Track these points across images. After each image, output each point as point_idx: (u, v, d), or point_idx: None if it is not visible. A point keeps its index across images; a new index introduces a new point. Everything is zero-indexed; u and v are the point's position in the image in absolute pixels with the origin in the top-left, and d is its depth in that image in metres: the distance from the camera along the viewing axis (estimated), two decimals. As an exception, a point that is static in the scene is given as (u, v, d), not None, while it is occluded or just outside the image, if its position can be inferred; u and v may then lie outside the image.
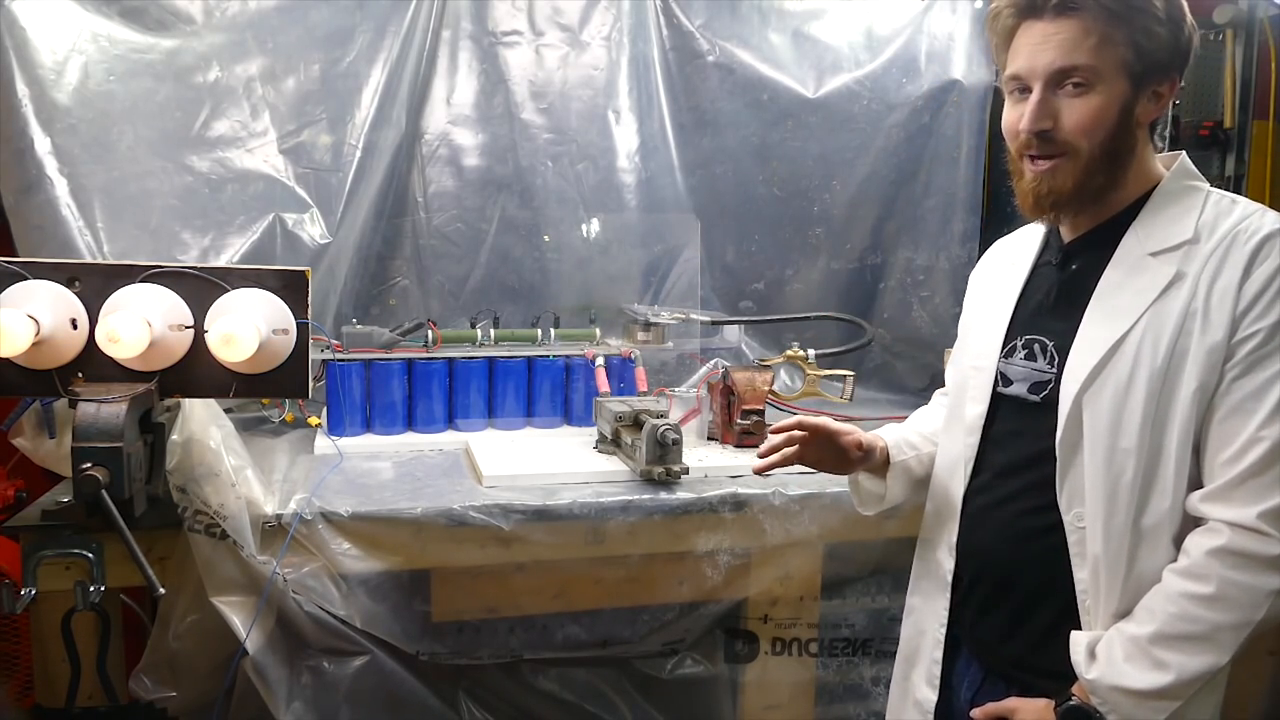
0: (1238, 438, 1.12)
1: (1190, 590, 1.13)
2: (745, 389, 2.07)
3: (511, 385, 2.24)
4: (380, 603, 1.69)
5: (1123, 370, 1.19)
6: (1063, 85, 1.19)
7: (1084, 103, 1.18)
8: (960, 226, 2.76)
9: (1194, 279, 1.17)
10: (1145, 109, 1.22)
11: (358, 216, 2.34)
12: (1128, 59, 1.18)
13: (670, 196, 2.60)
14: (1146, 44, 1.18)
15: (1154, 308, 1.18)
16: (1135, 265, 1.22)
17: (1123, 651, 1.16)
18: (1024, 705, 1.25)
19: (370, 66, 2.33)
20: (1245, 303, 1.13)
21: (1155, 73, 1.20)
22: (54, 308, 1.53)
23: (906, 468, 1.53)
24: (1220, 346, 1.14)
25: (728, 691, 1.97)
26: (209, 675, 1.67)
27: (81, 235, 2.09)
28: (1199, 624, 1.12)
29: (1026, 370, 1.30)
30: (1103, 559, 1.19)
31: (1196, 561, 1.13)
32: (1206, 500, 1.15)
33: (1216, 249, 1.16)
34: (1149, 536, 1.18)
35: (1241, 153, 2.76)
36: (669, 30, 2.59)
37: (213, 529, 1.59)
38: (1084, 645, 1.20)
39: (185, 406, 1.68)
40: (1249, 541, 1.10)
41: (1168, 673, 1.12)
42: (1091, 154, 1.20)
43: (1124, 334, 1.19)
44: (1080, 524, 1.21)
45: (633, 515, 1.77)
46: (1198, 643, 1.12)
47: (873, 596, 2.00)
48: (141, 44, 2.20)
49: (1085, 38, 1.17)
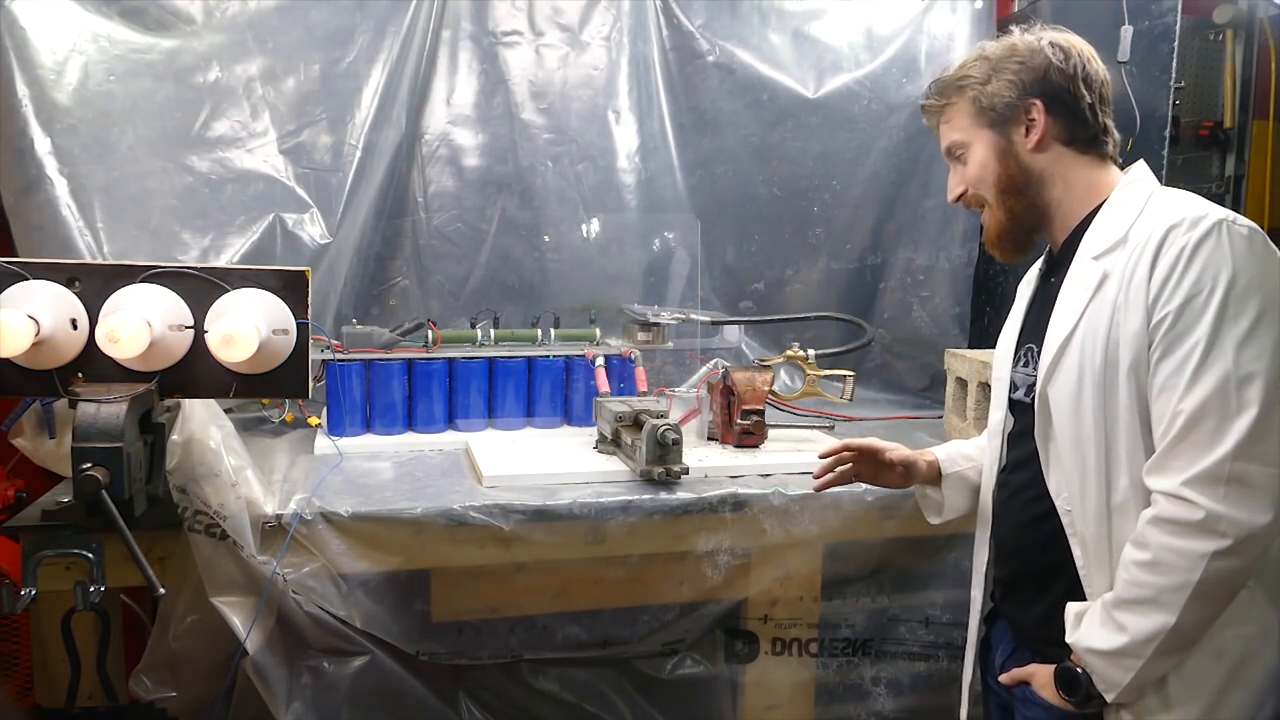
0: (1166, 413, 1.23)
1: (1136, 557, 1.24)
2: (745, 389, 2.07)
3: (511, 385, 2.24)
4: (380, 603, 1.69)
5: (1072, 364, 1.33)
6: (957, 158, 1.48)
7: (969, 164, 1.45)
8: (960, 226, 2.76)
9: (1119, 276, 1.29)
10: (1024, 139, 1.40)
11: (358, 216, 2.34)
12: (976, 119, 1.43)
13: (670, 196, 2.61)
14: (984, 100, 1.41)
15: (1090, 305, 1.32)
16: (1081, 269, 1.36)
17: (1097, 618, 1.28)
18: (1040, 670, 1.39)
19: (370, 66, 2.33)
20: (1154, 291, 1.24)
21: (1009, 111, 1.40)
22: (54, 308, 1.53)
23: (963, 478, 1.67)
24: (1140, 332, 1.25)
25: (728, 691, 1.97)
26: (209, 675, 1.67)
27: (81, 235, 2.09)
28: (1145, 588, 1.23)
29: (1024, 375, 1.47)
30: (1089, 536, 1.32)
31: (1140, 531, 1.25)
32: (1148, 473, 1.26)
33: (1137, 247, 1.28)
34: (1120, 512, 1.29)
35: (1241, 153, 2.76)
36: (669, 30, 2.59)
37: (213, 529, 1.59)
38: (1074, 614, 1.33)
39: (185, 406, 1.68)
40: (1177, 509, 1.20)
41: (1124, 634, 1.24)
42: (996, 196, 1.43)
43: (1069, 332, 1.33)
44: (1069, 507, 1.34)
45: (633, 515, 1.77)
46: (1146, 605, 1.23)
47: (873, 596, 2.00)
48: (141, 44, 2.20)
49: (945, 124, 1.48)
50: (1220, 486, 1.17)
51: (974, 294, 2.84)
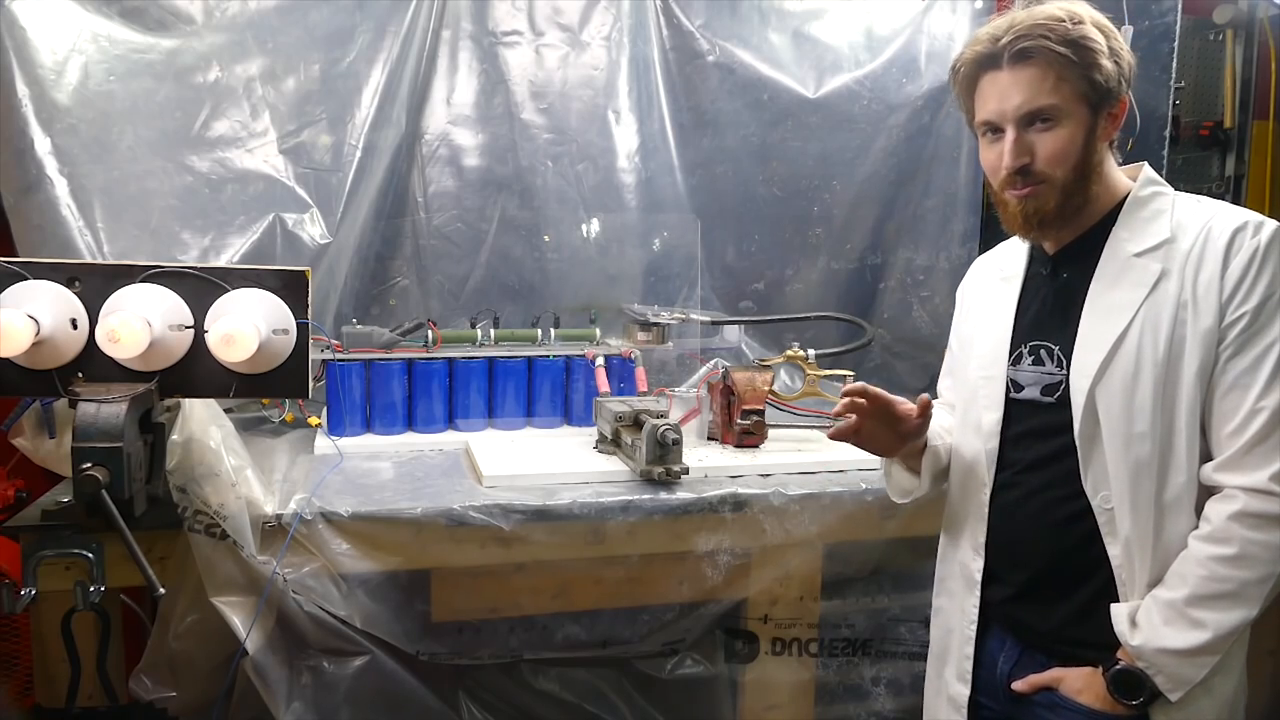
0: (1239, 410, 1.25)
1: (1216, 553, 1.24)
2: (745, 389, 2.07)
3: (511, 385, 2.24)
4: (380, 603, 1.69)
5: (1127, 361, 1.31)
6: (1032, 124, 1.33)
7: (1054, 136, 1.32)
8: (960, 226, 2.76)
9: (1179, 273, 1.30)
10: (1105, 130, 1.36)
11: (358, 216, 2.34)
12: (1084, 91, 1.32)
13: (670, 196, 2.61)
14: (1097, 76, 1.31)
15: (1148, 302, 1.31)
16: (1122, 267, 1.34)
17: (1161, 616, 1.27)
18: (1069, 674, 1.36)
19: (370, 66, 2.33)
20: (1228, 290, 1.26)
21: (1108, 98, 1.34)
22: (54, 308, 1.53)
23: (936, 454, 1.61)
24: (1212, 330, 1.27)
25: (728, 691, 1.97)
26: (209, 675, 1.67)
27: (81, 235, 2.09)
28: (1228, 583, 1.24)
29: (1036, 375, 1.42)
30: (1133, 534, 1.31)
31: (1218, 527, 1.25)
32: (1220, 470, 1.27)
33: (1194, 245, 1.30)
34: (1171, 509, 1.30)
35: (1241, 153, 2.76)
36: (669, 30, 2.59)
37: (213, 529, 1.59)
38: (1125, 615, 1.30)
39: (185, 406, 1.68)
40: (1263, 503, 1.23)
41: (1205, 630, 1.24)
42: (1066, 178, 1.34)
43: (1124, 329, 1.31)
44: (1108, 505, 1.32)
45: (633, 515, 1.77)
46: (1228, 600, 1.24)
47: (873, 596, 2.00)
48: (141, 44, 2.20)
49: (1044, 80, 1.30)
50: None
51: (974, 294, 2.84)
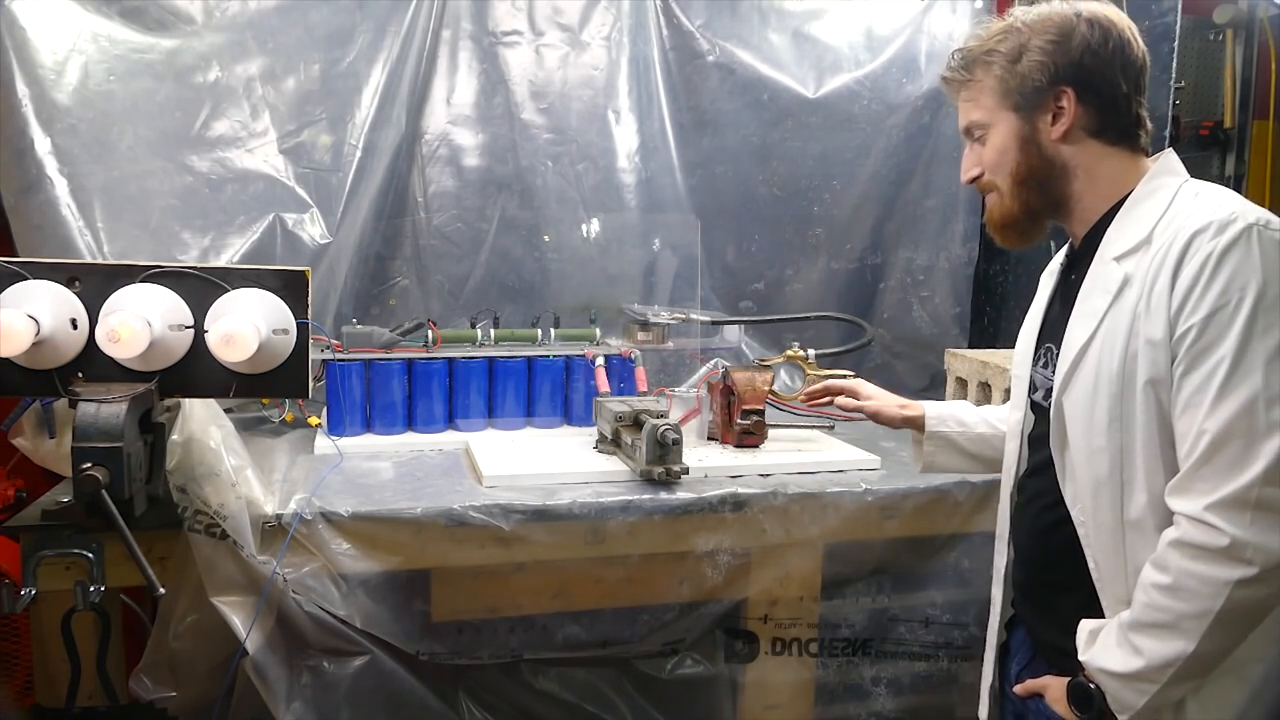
0: (1190, 433, 1.16)
1: (1156, 580, 1.18)
2: (745, 389, 2.07)
3: (511, 385, 2.24)
4: (380, 603, 1.69)
5: (1088, 372, 1.26)
6: (975, 138, 1.38)
7: (988, 147, 1.36)
8: (960, 226, 2.77)
9: (1141, 280, 1.22)
10: (1049, 128, 1.31)
11: (358, 216, 2.34)
12: (1000, 100, 1.33)
13: (670, 196, 2.61)
14: (1011, 81, 1.31)
15: (1111, 310, 1.25)
16: (1102, 270, 1.29)
17: (1114, 637, 1.23)
18: (1054, 683, 1.34)
19: (370, 66, 2.33)
20: (1178, 300, 1.17)
21: (1034, 96, 1.31)
22: (54, 308, 1.53)
23: (947, 439, 1.67)
24: (1162, 343, 1.18)
25: (728, 691, 1.97)
26: (209, 675, 1.67)
27: (81, 235, 2.09)
28: (1164, 612, 1.17)
29: (1043, 377, 1.41)
30: (1100, 552, 1.27)
31: (1160, 553, 1.19)
32: (1169, 493, 1.20)
33: (1160, 249, 1.21)
34: (1134, 529, 1.24)
35: (1241, 153, 2.76)
36: (669, 30, 2.59)
37: (213, 529, 1.59)
38: (1087, 631, 1.28)
39: (185, 406, 1.68)
40: (1199, 533, 1.14)
41: (1140, 657, 1.19)
42: (1009, 183, 1.35)
43: (1089, 338, 1.27)
44: (1083, 518, 1.29)
45: (633, 515, 1.77)
46: (1164, 630, 1.17)
47: (873, 596, 2.00)
48: (141, 44, 2.20)
49: (970, 98, 1.37)
50: (1247, 512, 1.11)
51: (974, 294, 2.84)
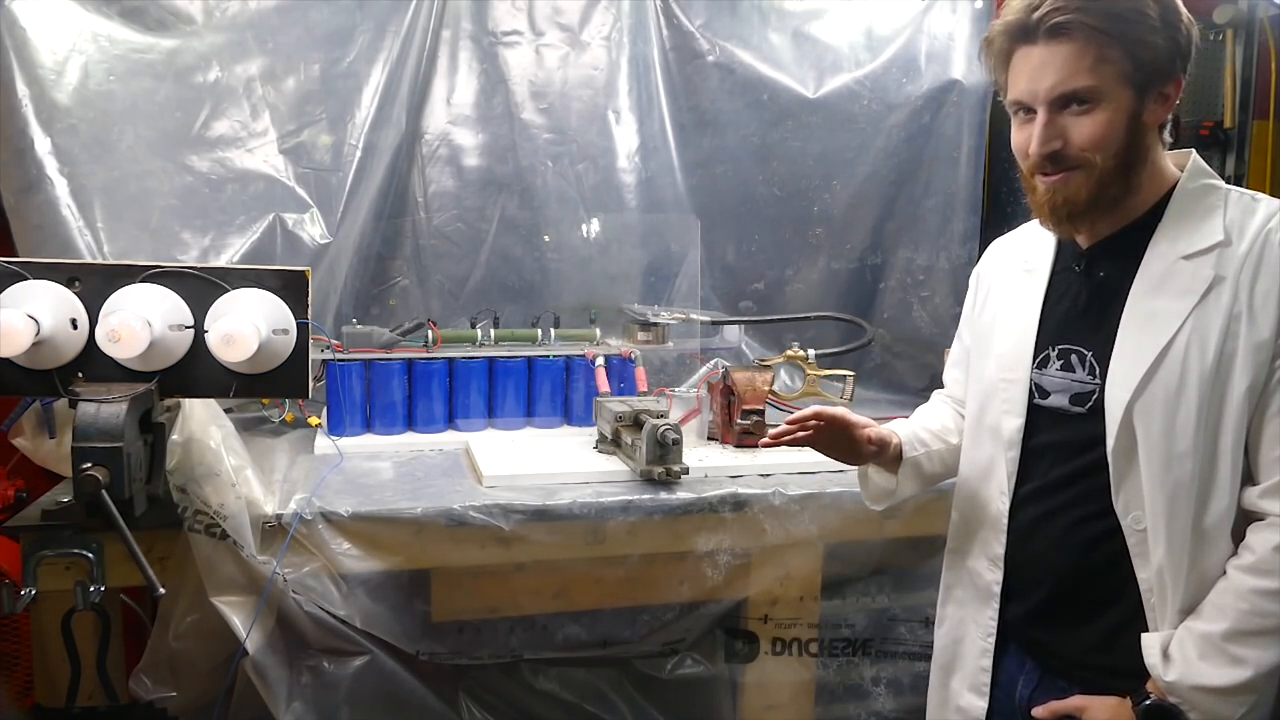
0: None
1: (1260, 586, 1.15)
2: (745, 389, 2.07)
3: (511, 385, 2.24)
4: (380, 603, 1.69)
5: (1172, 376, 1.19)
6: (1067, 106, 1.20)
7: (1091, 120, 1.19)
8: (960, 226, 2.76)
9: (1234, 280, 1.17)
10: (1153, 113, 1.22)
11: (358, 216, 2.34)
12: (1127, 70, 1.18)
13: (670, 196, 2.60)
14: (1143, 53, 1.18)
15: (1197, 311, 1.19)
16: (1169, 269, 1.22)
17: (1197, 650, 1.18)
18: (1094, 703, 1.26)
19: (370, 66, 2.33)
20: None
21: (1157, 77, 1.20)
22: (54, 308, 1.53)
23: (917, 464, 1.55)
24: (1268, 344, 1.15)
25: (728, 691, 1.97)
26: (209, 675, 1.67)
27: (81, 235, 2.09)
28: (1271, 618, 1.14)
29: (1065, 381, 1.31)
30: (1166, 560, 1.21)
31: (1263, 557, 1.15)
32: (1266, 496, 1.17)
33: (1251, 249, 1.17)
34: (1209, 535, 1.20)
35: (1241, 153, 2.76)
36: (669, 30, 2.59)
37: (213, 529, 1.59)
38: (1158, 647, 1.21)
39: (185, 406, 1.68)
40: None
41: (1245, 668, 1.15)
42: (1105, 166, 1.21)
43: (1169, 340, 1.20)
44: (1139, 527, 1.23)
45: (633, 515, 1.77)
46: (1271, 636, 1.14)
47: (873, 596, 2.00)
48: (141, 44, 2.20)
49: (1081, 58, 1.17)
50: None
51: (974, 294, 2.84)
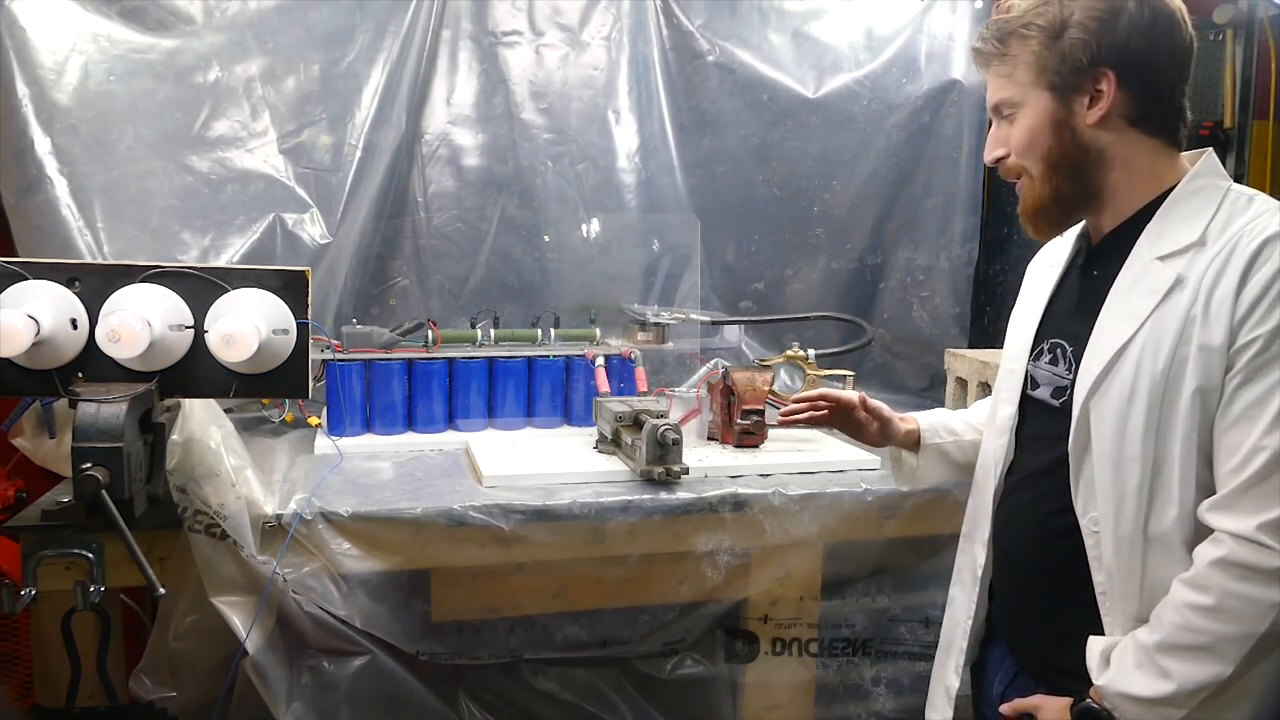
0: (1241, 447, 1.12)
1: (1193, 600, 1.13)
2: (745, 389, 2.07)
3: (511, 385, 2.24)
4: (380, 603, 1.69)
5: (1126, 376, 1.19)
6: (1004, 116, 1.30)
7: (1016, 127, 1.28)
8: (960, 226, 2.76)
9: (1195, 283, 1.16)
10: (1085, 113, 1.24)
11: (358, 216, 2.34)
12: (1035, 77, 1.25)
13: (670, 196, 2.60)
14: (1049, 58, 1.23)
15: (1157, 312, 1.18)
16: (1144, 269, 1.22)
17: (1134, 659, 1.17)
18: (1048, 703, 1.27)
19: (370, 66, 2.33)
20: (1244, 309, 1.12)
21: (1074, 76, 1.23)
22: (54, 308, 1.53)
23: (941, 451, 1.59)
24: (1218, 351, 1.13)
25: (728, 691, 1.97)
26: (209, 675, 1.67)
27: (81, 235, 2.09)
28: (1201, 635, 1.12)
29: (1049, 374, 1.34)
30: (1115, 565, 1.21)
31: (1199, 572, 1.14)
32: (1212, 510, 1.15)
33: (1220, 253, 1.16)
34: (1158, 543, 1.19)
35: (1241, 153, 2.76)
36: (669, 30, 2.59)
37: (213, 529, 1.58)
38: (1098, 651, 1.22)
39: (185, 406, 1.68)
40: (1249, 553, 1.10)
41: (1170, 681, 1.13)
42: (1040, 168, 1.27)
43: (1128, 339, 1.20)
44: (1095, 528, 1.23)
45: (633, 515, 1.77)
46: (1200, 653, 1.12)
47: (873, 596, 2.00)
48: (141, 44, 2.20)
49: (1003, 73, 1.29)
50: None
51: (974, 294, 2.84)
